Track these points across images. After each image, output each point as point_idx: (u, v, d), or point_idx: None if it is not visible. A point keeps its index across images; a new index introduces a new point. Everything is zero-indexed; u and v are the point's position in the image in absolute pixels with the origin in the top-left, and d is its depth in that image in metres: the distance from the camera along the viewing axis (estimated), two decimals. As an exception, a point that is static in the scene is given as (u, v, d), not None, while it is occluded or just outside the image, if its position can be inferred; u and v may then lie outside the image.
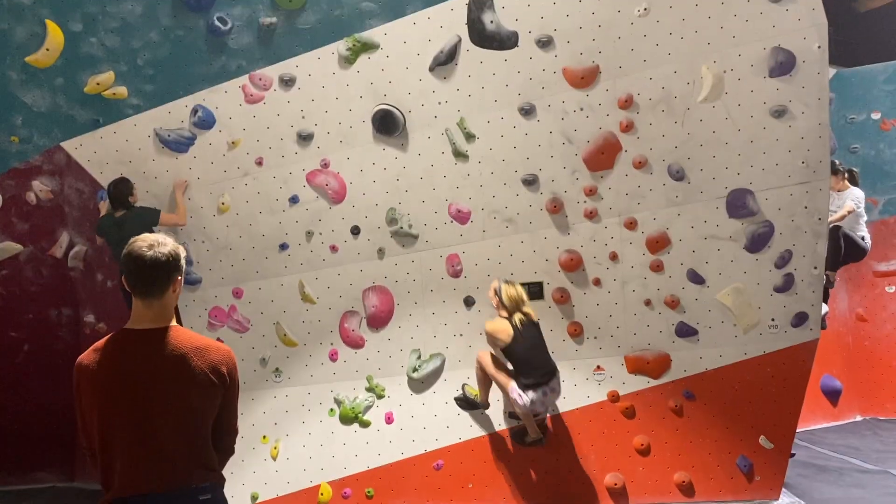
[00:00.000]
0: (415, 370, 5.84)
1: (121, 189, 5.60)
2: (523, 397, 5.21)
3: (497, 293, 5.42)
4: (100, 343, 2.62)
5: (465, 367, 5.82)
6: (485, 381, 5.57)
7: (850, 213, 7.03)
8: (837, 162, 7.24)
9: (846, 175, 7.24)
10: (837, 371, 8.23)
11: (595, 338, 5.76)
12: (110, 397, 2.52)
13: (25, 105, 5.65)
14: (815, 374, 6.76)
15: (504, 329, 5.30)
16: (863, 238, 7.22)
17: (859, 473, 6.41)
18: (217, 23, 5.49)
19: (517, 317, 5.33)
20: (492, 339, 5.37)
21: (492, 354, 5.46)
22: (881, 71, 8.24)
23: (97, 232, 5.83)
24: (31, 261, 6.32)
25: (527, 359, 5.29)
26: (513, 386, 5.26)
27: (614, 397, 5.72)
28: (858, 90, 8.20)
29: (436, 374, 5.86)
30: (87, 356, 2.59)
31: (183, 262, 2.66)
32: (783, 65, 5.22)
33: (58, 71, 5.58)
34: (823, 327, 6.55)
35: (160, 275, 2.56)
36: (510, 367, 5.39)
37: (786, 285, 5.48)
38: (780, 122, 5.30)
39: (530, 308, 5.43)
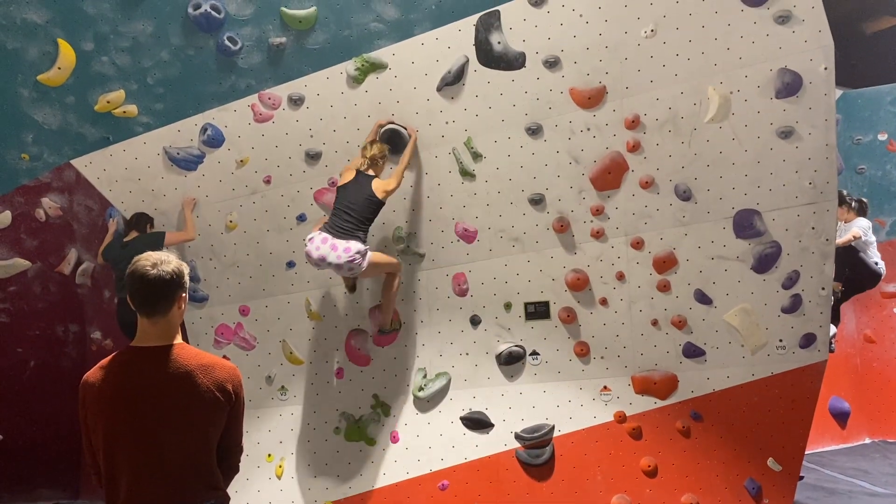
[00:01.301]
0: (420, 389, 5.82)
1: (142, 220, 5.75)
2: (313, 233, 5.20)
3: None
4: (105, 361, 2.62)
5: (472, 387, 5.81)
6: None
7: (855, 238, 7.03)
8: (846, 192, 7.24)
9: (854, 205, 7.24)
10: (846, 393, 8.17)
11: (602, 358, 5.74)
12: (115, 415, 2.52)
13: (36, 123, 5.70)
14: (824, 395, 6.72)
15: (345, 170, 5.38)
16: (876, 263, 7.23)
17: (869, 497, 6.35)
18: (227, 42, 5.55)
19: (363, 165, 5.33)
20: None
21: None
22: (888, 92, 8.26)
23: (102, 254, 5.85)
24: (39, 277, 6.34)
25: (339, 208, 5.25)
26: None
27: (621, 418, 5.69)
28: (865, 111, 8.21)
29: (441, 394, 5.84)
30: (92, 374, 2.60)
31: (187, 279, 2.66)
32: (790, 86, 5.24)
33: (69, 89, 5.63)
34: (832, 349, 6.52)
35: (164, 293, 2.57)
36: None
37: (793, 306, 5.46)
38: (787, 143, 5.31)
39: (364, 168, 5.33)
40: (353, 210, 5.20)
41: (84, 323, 6.54)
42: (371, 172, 5.32)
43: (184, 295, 2.65)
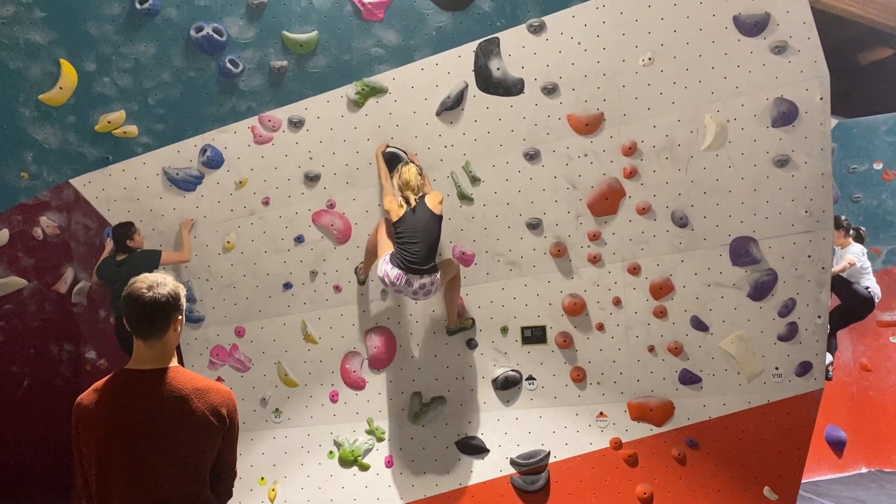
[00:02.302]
0: (416, 413, 5.80)
1: (120, 232, 5.65)
2: (384, 267, 5.12)
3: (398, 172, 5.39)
4: (99, 383, 2.61)
5: (468, 412, 5.79)
6: (371, 252, 5.53)
7: (850, 265, 7.05)
8: (843, 217, 7.28)
9: (850, 232, 7.28)
10: (842, 421, 8.14)
11: (598, 383, 5.72)
12: (108, 439, 2.50)
13: (37, 142, 5.72)
14: (820, 424, 6.70)
15: (393, 207, 5.28)
16: (867, 288, 7.23)
17: (866, 527, 6.30)
18: (228, 65, 5.59)
19: (411, 197, 5.26)
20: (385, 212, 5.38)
21: (386, 225, 5.43)
22: (883, 122, 8.34)
23: (97, 272, 5.84)
24: (35, 296, 6.32)
25: (406, 240, 5.17)
26: (385, 256, 5.19)
27: (617, 444, 5.66)
28: (860, 140, 8.28)
29: (437, 418, 5.81)
30: (86, 397, 2.58)
31: (183, 301, 2.66)
32: (786, 115, 5.29)
33: (70, 109, 5.66)
34: (829, 377, 6.51)
35: (160, 315, 2.56)
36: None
37: (789, 334, 5.47)
38: (783, 172, 5.35)
39: (415, 195, 5.27)
40: (424, 239, 5.14)
41: (79, 342, 6.51)
42: (420, 196, 5.30)
43: (180, 317, 2.64)
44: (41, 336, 6.45)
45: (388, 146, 5.67)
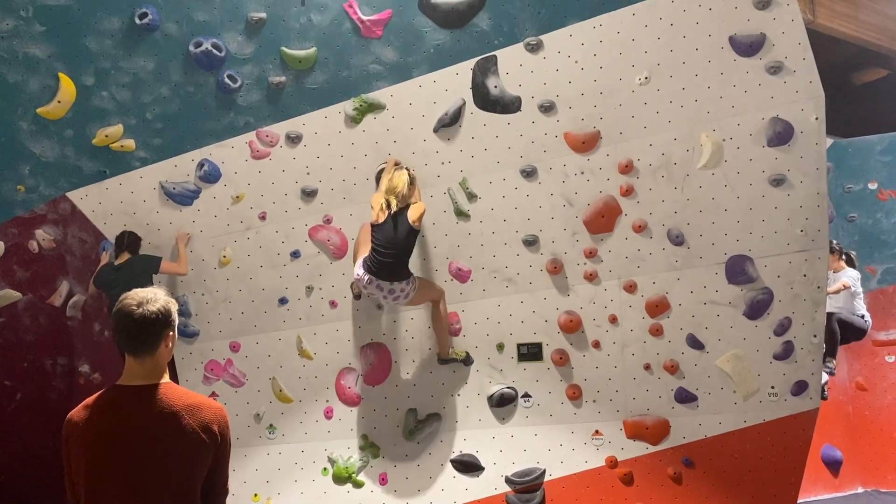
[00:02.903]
0: (410, 430, 5.77)
1: (132, 239, 5.73)
2: (358, 271, 5.22)
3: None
4: (90, 400, 2.59)
5: (463, 429, 5.76)
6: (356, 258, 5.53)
7: (844, 287, 7.08)
8: (835, 242, 7.32)
9: (842, 256, 7.32)
10: (838, 441, 8.12)
11: (594, 401, 5.71)
12: (99, 455, 2.48)
13: (34, 155, 5.72)
14: (816, 443, 6.67)
15: (376, 207, 5.26)
16: (862, 317, 7.27)
17: (862, 548, 6.27)
18: (227, 80, 5.61)
19: (393, 203, 5.23)
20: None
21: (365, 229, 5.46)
22: (877, 142, 8.39)
23: (94, 282, 5.83)
24: (29, 309, 6.29)
25: (380, 247, 5.17)
26: (360, 259, 5.25)
27: (612, 463, 5.64)
28: (855, 160, 8.33)
29: (432, 435, 5.78)
30: (76, 413, 2.56)
31: (175, 316, 2.64)
32: (781, 135, 5.32)
33: (68, 123, 5.68)
34: (825, 397, 6.50)
35: (150, 333, 2.55)
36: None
37: (785, 353, 5.47)
38: (779, 191, 5.37)
39: (397, 202, 5.23)
40: (397, 251, 5.17)
41: (73, 356, 6.48)
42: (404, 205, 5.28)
43: (171, 333, 2.63)
44: (35, 349, 6.42)
45: (381, 164, 5.68)
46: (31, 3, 5.51)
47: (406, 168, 5.43)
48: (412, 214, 5.20)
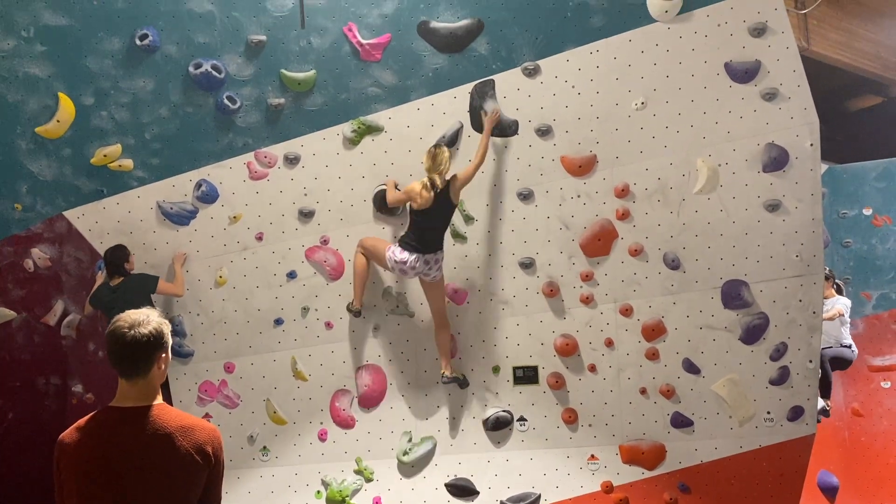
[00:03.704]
0: (405, 453, 5.73)
1: (117, 255, 5.62)
2: (399, 256, 5.28)
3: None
4: (82, 421, 2.57)
5: (458, 452, 5.72)
6: (361, 273, 5.57)
7: (839, 315, 7.13)
8: (827, 269, 7.36)
9: (833, 283, 7.37)
10: (834, 467, 8.09)
11: (590, 425, 5.68)
12: (90, 478, 2.45)
13: (32, 174, 5.73)
14: (812, 469, 6.64)
15: (416, 190, 5.33)
16: (849, 347, 7.32)
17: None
18: (226, 101, 5.64)
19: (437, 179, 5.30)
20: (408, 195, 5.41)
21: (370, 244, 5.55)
22: (872, 168, 8.45)
23: (91, 302, 5.81)
24: (24, 328, 6.26)
25: (425, 226, 5.33)
26: (392, 247, 5.36)
27: (608, 488, 5.60)
28: (850, 186, 8.39)
29: (426, 458, 5.75)
30: (68, 434, 2.54)
31: (168, 338, 2.63)
32: (776, 160, 5.35)
33: (66, 142, 5.69)
34: (826, 415, 6.50)
35: (142, 355, 2.53)
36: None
37: (781, 378, 5.46)
38: (774, 216, 5.39)
39: (441, 180, 5.30)
40: (441, 226, 5.43)
41: (66, 376, 6.44)
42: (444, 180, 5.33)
43: (164, 355, 2.61)
44: (28, 369, 6.38)
45: (378, 185, 5.70)
46: (32, 24, 5.55)
47: (439, 145, 5.45)
48: (455, 189, 5.33)
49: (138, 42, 5.56)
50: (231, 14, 5.63)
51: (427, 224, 5.33)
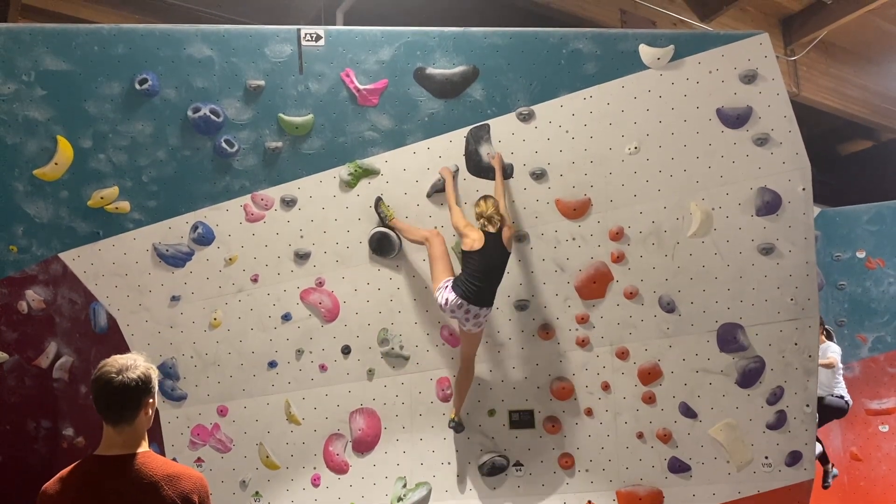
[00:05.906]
0: (399, 499, 5.65)
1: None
2: (446, 295, 5.13)
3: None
4: (65, 472, 2.53)
5: (453, 498, 5.64)
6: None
7: (832, 365, 7.13)
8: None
9: (823, 329, 7.38)
10: (834, 512, 8.00)
11: (587, 471, 5.62)
12: None
13: (28, 216, 5.74)
14: (812, 515, 6.56)
15: (470, 233, 5.24)
16: (842, 397, 7.29)
17: None
18: (224, 145, 5.69)
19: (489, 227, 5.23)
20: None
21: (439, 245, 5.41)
22: (864, 211, 8.53)
23: None
24: (15, 370, 6.19)
25: (477, 273, 5.16)
26: (446, 282, 5.19)
27: (605, 535, 5.52)
28: (843, 229, 8.45)
29: (421, 504, 5.67)
30: (51, 486, 2.50)
31: (155, 383, 2.61)
32: (769, 204, 5.41)
33: (64, 184, 5.71)
34: (826, 486, 6.42)
35: (129, 401, 2.52)
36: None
37: (778, 422, 5.43)
38: (768, 260, 5.42)
39: (494, 227, 5.23)
40: (495, 277, 5.25)
41: (57, 419, 6.35)
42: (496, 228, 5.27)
43: (151, 400, 2.59)
44: (19, 412, 6.29)
45: (374, 228, 5.72)
46: (33, 68, 5.62)
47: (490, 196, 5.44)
48: (507, 236, 5.27)
49: (138, 86, 5.63)
50: (230, 59, 5.71)
51: (482, 269, 5.16)
